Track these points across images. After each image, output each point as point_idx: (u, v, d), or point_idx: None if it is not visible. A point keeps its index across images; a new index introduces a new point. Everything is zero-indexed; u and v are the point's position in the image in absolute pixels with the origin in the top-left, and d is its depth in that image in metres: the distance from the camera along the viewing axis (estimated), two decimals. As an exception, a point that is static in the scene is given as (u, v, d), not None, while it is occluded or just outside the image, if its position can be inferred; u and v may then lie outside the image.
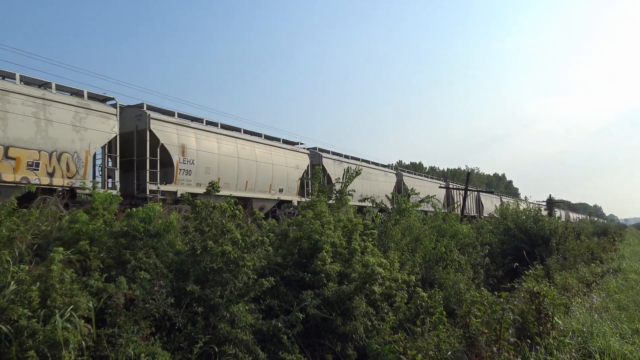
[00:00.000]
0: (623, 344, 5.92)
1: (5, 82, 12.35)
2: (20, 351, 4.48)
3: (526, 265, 13.14)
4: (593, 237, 29.12)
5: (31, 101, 12.52)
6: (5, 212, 6.56)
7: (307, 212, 9.50)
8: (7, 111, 11.94)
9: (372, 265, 7.81)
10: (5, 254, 5.56)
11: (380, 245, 11.27)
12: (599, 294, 10.21)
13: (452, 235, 14.77)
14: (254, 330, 6.51)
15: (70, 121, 13.39)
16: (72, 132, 13.36)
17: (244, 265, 6.72)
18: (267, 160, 19.78)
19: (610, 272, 13.94)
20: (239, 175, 18.25)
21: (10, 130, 11.96)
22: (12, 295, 4.84)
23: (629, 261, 17.46)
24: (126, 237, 6.93)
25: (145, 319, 5.69)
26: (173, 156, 15.86)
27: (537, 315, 6.34)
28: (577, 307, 7.94)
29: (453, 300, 10.16)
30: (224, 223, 7.23)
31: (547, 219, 22.16)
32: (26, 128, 12.30)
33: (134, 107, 15.93)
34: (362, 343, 7.58)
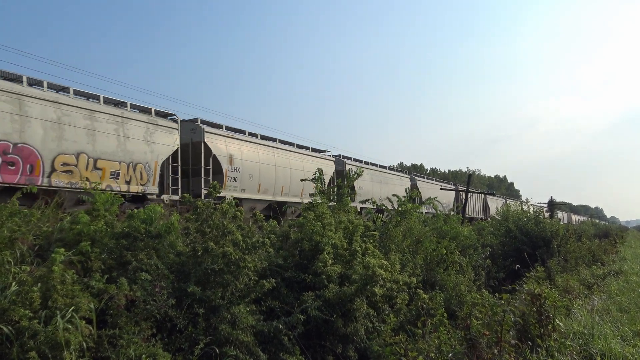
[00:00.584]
0: (624, 347, 5.92)
1: (93, 103, 14.39)
2: (21, 352, 4.49)
3: (527, 267, 13.13)
4: (594, 239, 29.09)
5: (113, 119, 14.58)
6: (7, 213, 6.57)
7: (308, 213, 9.50)
8: (95, 129, 13.98)
9: (373, 266, 7.81)
10: (7, 254, 5.57)
11: (381, 246, 11.27)
12: (600, 296, 10.20)
13: (453, 237, 14.76)
14: (255, 332, 6.51)
15: (143, 136, 15.45)
16: (144, 145, 15.40)
17: (245, 266, 6.72)
18: (299, 168, 21.38)
19: (612, 274, 13.93)
20: (276, 181, 19.92)
21: (97, 145, 13.99)
22: (13, 296, 4.85)
23: (630, 263, 17.44)
24: (127, 238, 6.94)
25: (146, 320, 5.69)
26: (222, 165, 17.65)
27: (538, 317, 6.34)
28: (578, 309, 7.94)
29: (454, 302, 10.15)
30: (225, 224, 7.23)
31: (549, 220, 22.14)
32: (109, 143, 14.33)
33: (189, 122, 17.81)
34: (363, 345, 7.58)
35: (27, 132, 12.42)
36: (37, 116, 12.68)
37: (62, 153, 13.13)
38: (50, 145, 12.85)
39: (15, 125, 12.24)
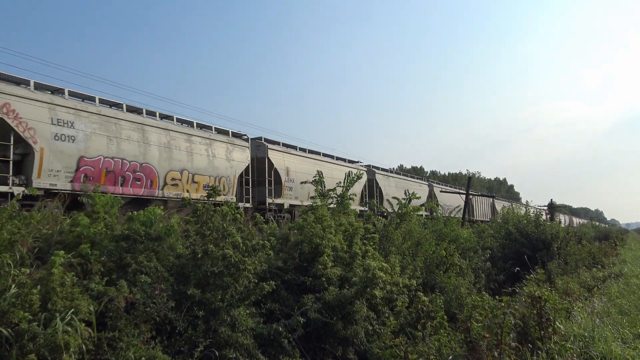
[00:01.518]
0: (625, 349, 5.92)
1: (190, 128, 17.99)
2: (20, 354, 4.48)
3: (527, 270, 13.11)
4: (594, 242, 29.07)
5: (204, 142, 17.98)
6: (7, 215, 6.56)
7: (308, 216, 9.50)
8: (192, 150, 17.30)
9: (373, 269, 7.81)
10: (7, 257, 5.56)
11: (381, 249, 11.27)
12: (601, 298, 10.20)
13: (452, 239, 14.76)
14: (254, 334, 6.50)
15: (225, 154, 18.73)
16: (225, 162, 18.68)
17: (245, 269, 6.71)
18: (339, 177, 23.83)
19: (612, 277, 13.94)
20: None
21: (194, 163, 17.27)
22: (13, 299, 4.84)
23: (630, 266, 17.46)
24: (127, 240, 6.93)
25: (146, 323, 5.68)
26: (281, 176, 21.01)
27: (539, 320, 6.32)
28: (578, 312, 7.93)
29: (454, 305, 10.14)
30: (225, 227, 7.23)
31: (549, 223, 22.13)
32: (202, 161, 17.59)
33: (255, 140, 21.14)
34: (363, 347, 7.57)
35: (148, 154, 15.59)
36: (154, 141, 15.94)
37: (172, 170, 16.40)
38: (163, 164, 16.07)
39: (141, 149, 15.39)
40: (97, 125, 14.17)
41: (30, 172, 12.59)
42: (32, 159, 12.59)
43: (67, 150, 13.30)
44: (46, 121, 12.89)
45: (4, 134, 12.13)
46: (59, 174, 13.07)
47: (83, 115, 13.96)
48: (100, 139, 14.17)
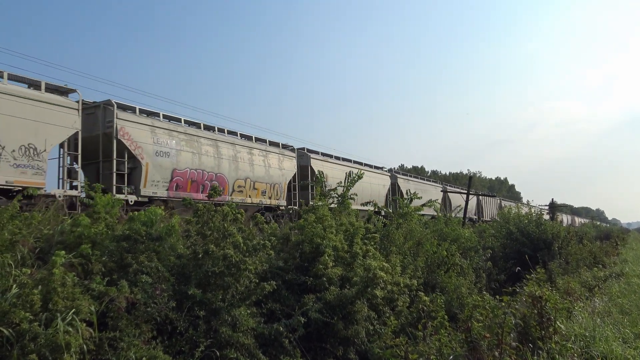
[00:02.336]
0: (625, 349, 5.93)
1: (250, 142, 20.88)
2: (21, 355, 4.48)
3: (528, 270, 13.10)
4: (595, 241, 29.06)
5: (261, 153, 21.13)
6: (8, 215, 6.58)
7: (308, 215, 9.50)
8: (253, 162, 20.33)
9: (373, 269, 7.81)
10: (8, 257, 5.58)
11: (382, 249, 11.27)
12: (602, 298, 10.20)
13: (454, 239, 14.76)
14: (255, 334, 6.51)
15: (277, 164, 21.77)
16: (278, 170, 21.67)
17: (246, 269, 6.72)
18: (368, 182, 26.96)
19: (613, 277, 13.93)
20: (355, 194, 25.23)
21: (255, 172, 20.26)
22: (14, 299, 4.84)
23: (631, 265, 17.45)
24: (128, 240, 6.94)
25: (147, 323, 5.68)
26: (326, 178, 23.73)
27: (539, 320, 6.32)
28: (579, 312, 7.93)
29: (455, 305, 10.14)
30: (226, 227, 7.23)
31: (550, 222, 22.13)
32: (260, 170, 20.64)
33: (299, 150, 24.41)
34: (364, 347, 7.57)
35: (221, 166, 18.57)
36: (225, 155, 18.92)
37: (238, 179, 19.36)
38: (232, 174, 19.06)
39: (216, 162, 18.40)
40: (184, 143, 17.24)
41: (139, 182, 15.40)
42: (139, 172, 15.42)
43: (164, 164, 16.25)
44: (149, 141, 15.82)
45: (120, 151, 14.95)
46: (158, 183, 16.01)
47: (174, 134, 16.99)
48: (186, 154, 17.19)
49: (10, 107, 12.08)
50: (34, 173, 12.60)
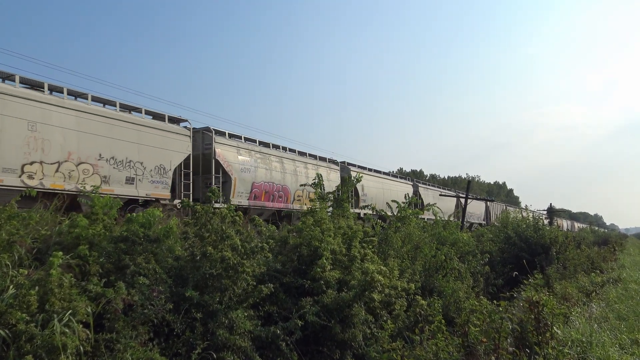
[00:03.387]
0: (622, 355, 5.92)
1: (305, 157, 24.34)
2: (18, 355, 4.48)
3: (526, 274, 13.12)
4: (593, 247, 29.05)
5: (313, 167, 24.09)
6: (5, 215, 6.57)
7: (307, 218, 9.49)
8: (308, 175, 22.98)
9: (371, 272, 7.81)
10: (5, 257, 5.56)
11: (380, 252, 11.27)
12: (599, 303, 10.19)
13: (452, 243, 14.76)
14: (252, 337, 6.50)
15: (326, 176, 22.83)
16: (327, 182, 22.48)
17: (243, 271, 6.72)
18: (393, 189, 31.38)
19: (611, 282, 13.91)
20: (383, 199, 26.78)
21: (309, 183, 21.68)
22: (10, 300, 4.84)
23: (629, 271, 17.45)
24: (126, 242, 6.94)
25: (144, 325, 5.68)
26: (359, 191, 26.93)
27: (536, 325, 6.32)
28: (576, 317, 7.93)
29: (452, 309, 10.14)
30: (224, 229, 7.23)
31: (548, 227, 22.14)
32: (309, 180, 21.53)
33: (341, 163, 28.06)
34: (361, 351, 7.56)
35: (285, 179, 21.85)
36: (288, 169, 22.22)
37: (297, 189, 22.24)
38: (293, 185, 22.11)
39: (281, 175, 21.72)
40: (260, 160, 20.67)
41: (229, 193, 18.77)
42: (229, 185, 18.88)
43: (247, 178, 19.69)
44: (236, 160, 19.34)
45: (216, 168, 18.46)
46: (242, 194, 19.45)
47: (252, 153, 20.50)
48: (261, 170, 20.55)
49: (149, 137, 15.78)
50: (163, 187, 16.16)
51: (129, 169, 14.90)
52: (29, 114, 12.41)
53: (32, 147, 12.38)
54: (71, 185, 13.09)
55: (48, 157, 12.75)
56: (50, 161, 12.81)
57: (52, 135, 12.86)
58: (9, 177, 11.88)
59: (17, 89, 12.48)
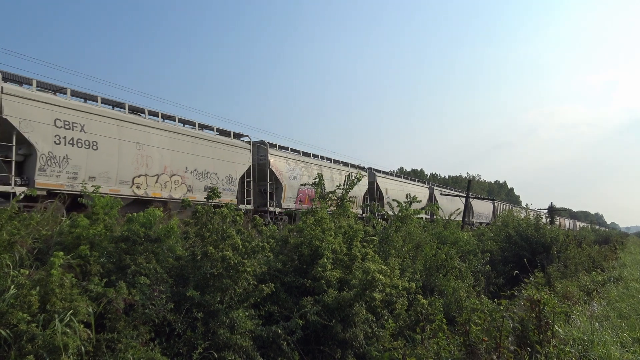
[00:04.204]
0: (624, 353, 5.92)
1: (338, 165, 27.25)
2: (19, 355, 4.48)
3: (527, 273, 13.11)
4: (594, 245, 29.03)
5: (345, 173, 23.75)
6: (6, 216, 6.57)
7: (307, 218, 9.49)
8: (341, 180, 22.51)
9: (372, 271, 7.80)
10: (6, 258, 5.57)
11: (381, 251, 11.27)
12: (600, 302, 10.19)
13: (452, 242, 14.76)
14: (253, 337, 6.50)
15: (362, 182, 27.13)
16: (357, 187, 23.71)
17: (244, 271, 6.72)
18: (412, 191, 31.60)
19: (612, 281, 13.91)
20: None
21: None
22: (11, 300, 4.84)
23: (630, 269, 17.41)
24: (126, 242, 6.94)
25: (145, 324, 5.68)
26: (383, 194, 30.09)
27: (538, 324, 6.32)
28: (577, 316, 7.92)
29: (453, 308, 10.14)
30: (225, 229, 7.23)
31: (549, 227, 22.14)
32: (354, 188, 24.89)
33: (368, 169, 30.56)
34: (362, 350, 7.56)
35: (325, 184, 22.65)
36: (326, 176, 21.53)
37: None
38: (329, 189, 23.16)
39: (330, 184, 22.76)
40: (303, 169, 23.31)
41: (280, 198, 21.33)
42: (280, 191, 21.39)
43: (294, 185, 22.23)
44: (286, 169, 21.89)
45: (271, 177, 21.00)
46: (290, 199, 21.94)
47: (298, 163, 23.12)
48: (305, 177, 22.77)
49: (221, 152, 18.67)
50: (231, 194, 18.90)
51: (207, 179, 17.76)
52: (137, 136, 15.10)
53: (139, 163, 15.08)
54: (166, 193, 15.96)
55: (150, 171, 15.48)
56: (152, 174, 15.56)
57: (153, 152, 15.62)
58: (124, 188, 14.56)
59: (128, 115, 15.13)
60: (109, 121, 14.31)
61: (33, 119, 12.33)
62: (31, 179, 12.27)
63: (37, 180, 12.23)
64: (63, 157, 12.88)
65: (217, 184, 17.94)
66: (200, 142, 17.76)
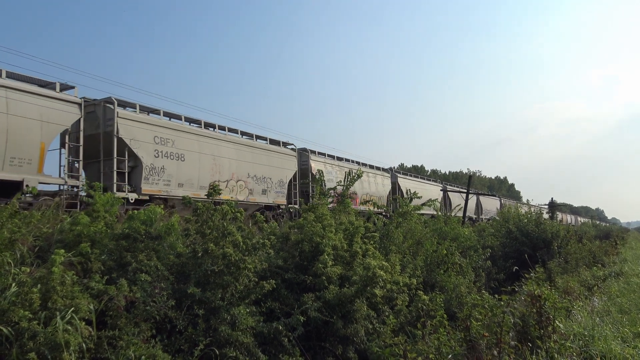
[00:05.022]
0: (624, 348, 5.91)
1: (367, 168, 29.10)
2: (21, 353, 4.49)
3: (528, 269, 13.10)
4: (595, 241, 29.04)
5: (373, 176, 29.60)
6: (7, 214, 6.57)
7: (308, 214, 9.49)
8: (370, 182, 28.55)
9: (373, 268, 7.81)
10: (7, 256, 5.58)
11: (381, 248, 11.27)
12: (601, 297, 10.19)
13: (453, 238, 14.76)
14: (254, 333, 6.51)
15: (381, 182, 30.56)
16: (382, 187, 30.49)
17: (245, 267, 6.72)
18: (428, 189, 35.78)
19: (612, 276, 13.91)
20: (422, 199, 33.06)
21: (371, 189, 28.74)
22: (13, 297, 4.85)
23: (631, 264, 17.41)
24: (127, 239, 6.94)
25: (146, 322, 5.69)
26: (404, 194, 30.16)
27: (538, 319, 6.31)
28: (578, 311, 7.92)
29: (454, 304, 10.15)
30: (225, 226, 7.23)
31: (549, 222, 22.13)
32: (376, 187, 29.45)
33: (392, 170, 33.80)
34: (363, 346, 7.58)
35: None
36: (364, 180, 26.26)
37: (363, 194, 27.05)
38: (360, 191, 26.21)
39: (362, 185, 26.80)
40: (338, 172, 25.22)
41: None
42: None
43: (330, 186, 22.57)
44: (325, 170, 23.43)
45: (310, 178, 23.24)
46: None
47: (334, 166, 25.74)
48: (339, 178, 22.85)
49: (274, 159, 21.18)
50: (282, 196, 21.25)
51: (263, 183, 20.27)
52: (212, 149, 18.02)
53: (214, 171, 17.90)
54: (233, 196, 18.43)
55: (222, 177, 18.12)
56: (223, 180, 18.16)
57: (223, 162, 18.43)
58: (202, 192, 16.27)
59: (204, 131, 18.23)
60: (192, 137, 17.25)
61: (139, 137, 14.97)
62: (138, 186, 14.83)
63: (143, 187, 14.86)
64: (160, 168, 15.65)
65: (271, 187, 20.63)
66: (257, 152, 20.50)
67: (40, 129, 12.38)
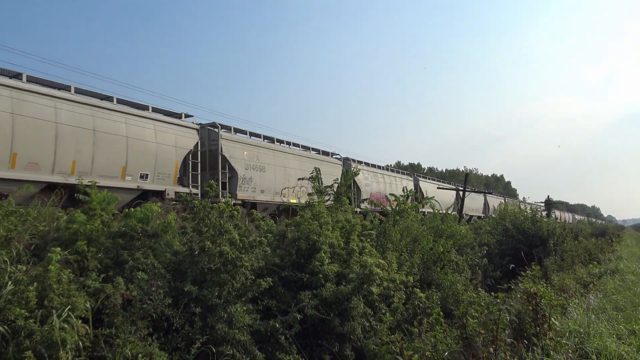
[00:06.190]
0: (620, 345, 5.95)
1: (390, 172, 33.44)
2: (17, 351, 4.48)
3: (524, 266, 13.15)
4: (591, 238, 29.15)
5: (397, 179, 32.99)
6: (3, 212, 6.56)
7: (305, 212, 9.49)
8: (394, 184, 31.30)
9: (370, 265, 7.82)
10: (3, 254, 5.57)
11: (378, 245, 11.29)
12: (596, 294, 10.25)
13: (449, 235, 14.79)
14: (251, 331, 6.51)
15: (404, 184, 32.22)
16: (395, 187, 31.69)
17: (242, 265, 6.72)
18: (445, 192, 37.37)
19: (608, 273, 13.99)
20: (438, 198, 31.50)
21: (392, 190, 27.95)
22: (9, 296, 4.84)
23: (626, 262, 17.52)
24: (124, 237, 6.93)
25: (143, 320, 5.68)
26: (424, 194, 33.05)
27: (534, 316, 6.35)
28: (574, 308, 7.97)
29: (450, 301, 10.17)
30: (222, 223, 7.23)
31: (545, 219, 22.20)
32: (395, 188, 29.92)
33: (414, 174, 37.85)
34: (360, 343, 7.59)
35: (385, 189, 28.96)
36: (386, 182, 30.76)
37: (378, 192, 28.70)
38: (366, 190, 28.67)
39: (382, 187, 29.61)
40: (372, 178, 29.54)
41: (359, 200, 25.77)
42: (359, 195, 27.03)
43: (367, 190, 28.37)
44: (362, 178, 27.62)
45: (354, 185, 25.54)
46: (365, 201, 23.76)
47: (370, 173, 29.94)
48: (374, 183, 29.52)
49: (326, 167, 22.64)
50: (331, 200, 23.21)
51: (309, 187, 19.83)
52: (283, 161, 21.94)
53: (284, 179, 21.65)
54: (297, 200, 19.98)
55: (290, 184, 21.76)
56: (291, 186, 21.82)
57: (290, 172, 21.93)
58: (277, 197, 21.17)
59: (276, 145, 22.25)
60: (269, 152, 21.27)
61: (235, 154, 19.09)
62: (234, 193, 18.67)
63: (238, 194, 18.84)
64: (249, 178, 19.66)
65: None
66: (314, 162, 22.37)
67: (175, 151, 16.42)
